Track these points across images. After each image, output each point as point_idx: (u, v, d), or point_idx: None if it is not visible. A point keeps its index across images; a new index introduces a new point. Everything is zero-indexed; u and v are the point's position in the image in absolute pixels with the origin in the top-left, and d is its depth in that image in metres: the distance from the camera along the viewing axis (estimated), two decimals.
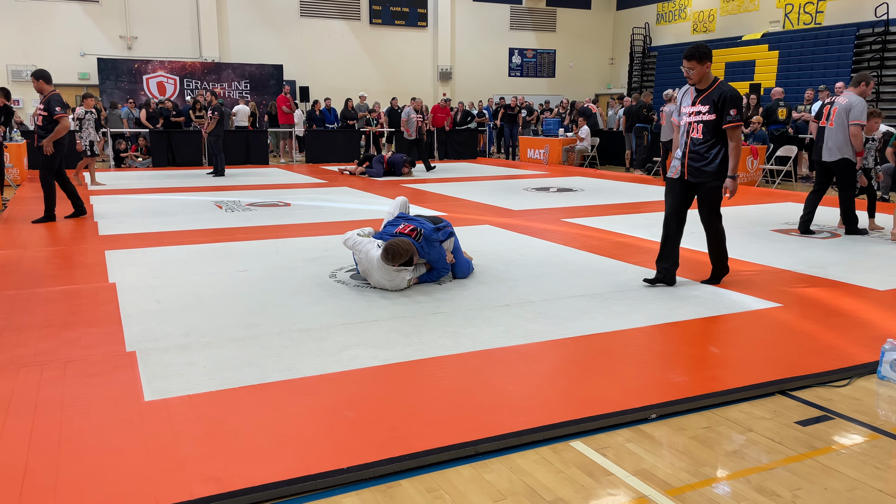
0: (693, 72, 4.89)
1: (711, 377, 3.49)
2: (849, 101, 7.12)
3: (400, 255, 4.88)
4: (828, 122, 7.23)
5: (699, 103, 4.93)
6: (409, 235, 5.11)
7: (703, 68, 4.87)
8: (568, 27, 26.28)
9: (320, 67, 22.62)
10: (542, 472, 2.64)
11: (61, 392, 3.27)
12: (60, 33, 19.64)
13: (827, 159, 7.26)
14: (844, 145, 7.12)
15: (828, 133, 7.21)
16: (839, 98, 7.26)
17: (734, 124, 4.79)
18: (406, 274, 5.04)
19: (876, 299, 4.93)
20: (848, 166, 7.19)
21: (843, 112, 7.12)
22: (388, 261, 4.90)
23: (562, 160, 17.01)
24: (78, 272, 5.70)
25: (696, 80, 4.91)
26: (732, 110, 4.78)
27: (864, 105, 7.13)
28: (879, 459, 2.75)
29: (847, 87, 7.42)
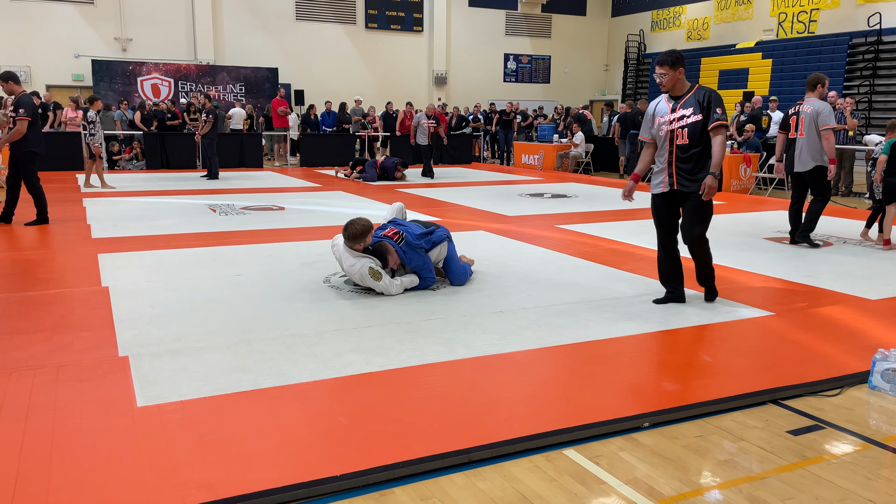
0: (665, 78, 4.70)
1: (704, 386, 3.50)
2: (814, 108, 7.05)
3: (356, 233, 4.99)
4: (797, 132, 7.17)
5: (680, 108, 4.72)
6: (392, 238, 5.14)
7: (675, 74, 4.69)
8: (563, 33, 26.38)
9: (316, 71, 22.63)
10: (535, 480, 2.64)
11: (53, 397, 3.26)
12: (55, 34, 19.60)
13: (801, 169, 7.21)
14: (818, 153, 7.07)
15: (799, 143, 7.16)
16: (803, 107, 7.16)
17: (720, 122, 4.62)
18: (368, 262, 5.01)
19: (867, 308, 4.96)
20: (822, 173, 7.14)
21: (811, 120, 7.04)
22: (348, 240, 5.02)
23: (556, 166, 17.05)
24: (71, 276, 5.68)
25: (668, 86, 4.73)
26: (718, 109, 4.62)
27: (830, 109, 7.07)
28: (870, 469, 2.76)
29: (806, 94, 7.29)
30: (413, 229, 5.33)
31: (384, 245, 5.12)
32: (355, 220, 5.05)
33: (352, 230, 5.01)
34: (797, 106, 7.27)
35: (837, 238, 7.82)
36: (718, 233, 8.11)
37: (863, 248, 7.22)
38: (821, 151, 7.07)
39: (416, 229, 5.35)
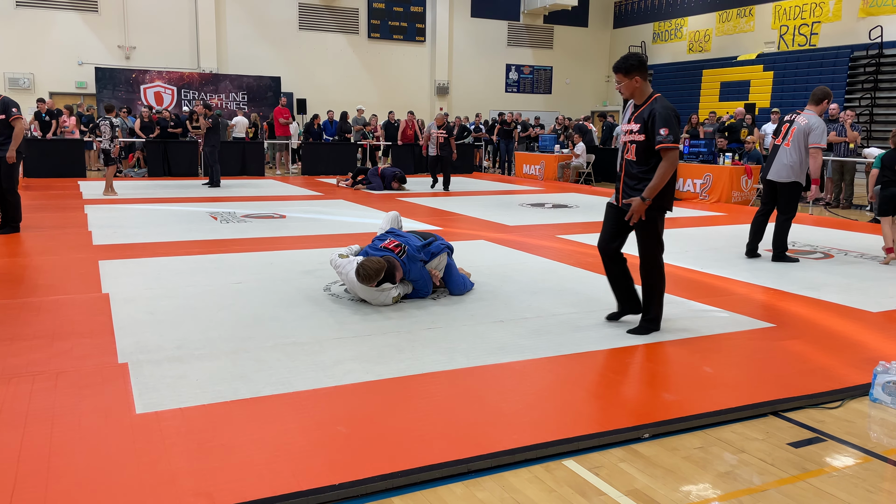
0: (621, 85, 4.32)
1: (704, 397, 3.49)
2: (808, 123, 6.78)
3: (370, 275, 4.85)
4: (784, 141, 6.91)
5: (633, 120, 4.34)
6: (394, 251, 5.13)
7: (631, 82, 4.25)
8: (565, 44, 26.48)
9: (318, 80, 22.71)
10: (535, 490, 2.63)
11: (52, 403, 3.25)
12: (59, 42, 19.68)
13: (776, 179, 6.95)
14: (798, 168, 6.83)
15: (781, 152, 6.90)
16: (798, 118, 6.90)
17: (665, 145, 4.13)
18: (391, 291, 5.04)
19: (869, 321, 4.95)
20: (795, 190, 6.91)
21: (802, 134, 6.77)
22: (363, 281, 4.91)
23: (557, 176, 17.07)
24: (71, 282, 5.68)
25: (626, 94, 4.34)
26: (663, 129, 4.13)
27: (825, 127, 6.83)
28: (871, 482, 2.75)
29: (808, 105, 7.01)
30: (412, 241, 5.32)
31: (392, 262, 5.06)
32: (366, 264, 4.87)
33: (365, 273, 4.85)
34: (794, 115, 7.04)
35: (839, 250, 7.82)
36: (718, 245, 8.11)
37: (863, 261, 7.22)
38: (801, 166, 6.82)
39: (415, 241, 5.34)
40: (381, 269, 4.90)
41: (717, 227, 9.54)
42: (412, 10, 23.93)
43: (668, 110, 4.18)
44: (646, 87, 4.31)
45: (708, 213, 11.09)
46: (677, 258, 7.03)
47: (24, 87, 19.27)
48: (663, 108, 4.18)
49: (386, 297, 5.03)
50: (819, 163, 6.85)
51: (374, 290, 5.00)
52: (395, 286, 5.07)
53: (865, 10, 18.03)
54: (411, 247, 5.20)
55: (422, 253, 5.23)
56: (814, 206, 12.40)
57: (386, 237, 5.38)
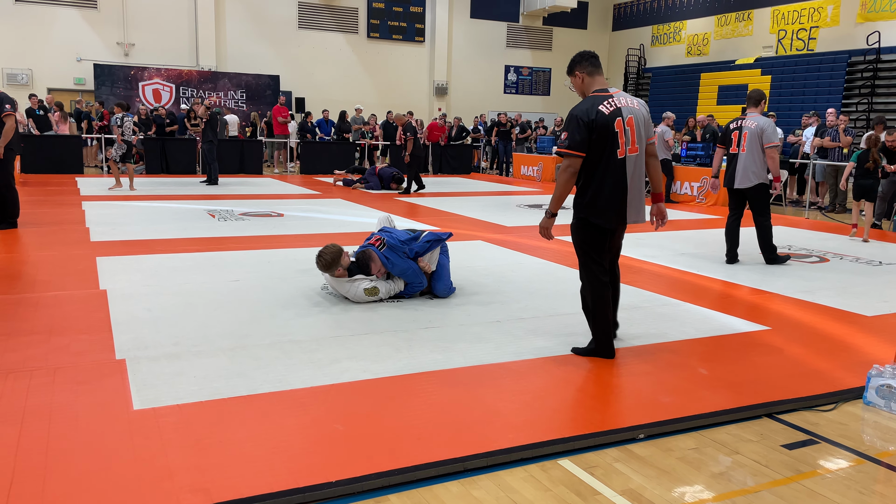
0: (573, 86, 4.12)
1: (699, 398, 3.51)
2: (758, 125, 6.87)
3: (327, 262, 4.97)
4: (739, 148, 6.96)
5: None
6: (374, 245, 5.16)
7: (575, 80, 4.04)
8: (564, 46, 26.50)
9: (317, 79, 22.70)
10: (531, 489, 2.65)
11: (50, 399, 3.26)
12: (57, 38, 19.64)
13: (741, 186, 7.00)
14: (761, 170, 6.89)
15: (741, 159, 6.95)
16: (747, 122, 6.94)
17: (560, 150, 3.91)
18: (362, 283, 5.04)
19: (863, 325, 4.98)
20: (763, 191, 6.98)
21: (755, 136, 6.83)
22: (322, 269, 5.01)
23: (555, 177, 17.09)
24: (69, 278, 5.68)
25: (579, 94, 4.07)
26: (564, 133, 3.92)
27: (774, 126, 6.89)
28: (864, 484, 2.77)
29: (748, 109, 7.09)
30: (398, 235, 5.32)
31: (367, 253, 5.14)
32: (322, 252, 5.01)
33: (323, 262, 4.99)
34: (739, 121, 7.06)
35: (834, 254, 7.85)
36: (714, 248, 8.14)
37: (858, 265, 7.25)
38: (763, 168, 6.90)
39: (401, 235, 5.33)
40: (336, 254, 4.97)
41: (712, 230, 9.56)
42: (412, 10, 23.94)
43: (572, 111, 3.90)
44: (592, 84, 3.98)
45: (704, 216, 11.12)
46: (672, 260, 7.05)
47: (22, 82, 19.24)
48: (572, 110, 3.92)
49: (356, 289, 5.04)
50: (777, 160, 6.94)
51: (345, 282, 5.05)
52: (367, 278, 5.08)
53: (863, 15, 18.09)
54: (393, 239, 5.20)
55: (406, 246, 5.20)
56: (809, 210, 12.44)
57: (373, 235, 5.42)
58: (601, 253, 4.03)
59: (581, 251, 4.06)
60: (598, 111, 3.82)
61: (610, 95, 3.92)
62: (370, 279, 5.09)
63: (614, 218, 3.94)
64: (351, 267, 5.14)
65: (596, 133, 3.81)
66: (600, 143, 3.83)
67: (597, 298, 4.02)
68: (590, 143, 3.83)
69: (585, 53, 4.02)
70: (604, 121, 3.81)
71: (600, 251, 4.03)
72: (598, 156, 3.86)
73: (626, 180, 3.90)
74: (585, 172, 3.91)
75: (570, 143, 3.84)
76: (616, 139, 3.84)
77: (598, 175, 3.88)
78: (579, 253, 4.07)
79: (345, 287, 5.08)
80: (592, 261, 4.02)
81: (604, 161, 3.86)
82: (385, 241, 5.18)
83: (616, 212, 3.93)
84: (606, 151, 3.85)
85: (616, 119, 3.84)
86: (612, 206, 3.91)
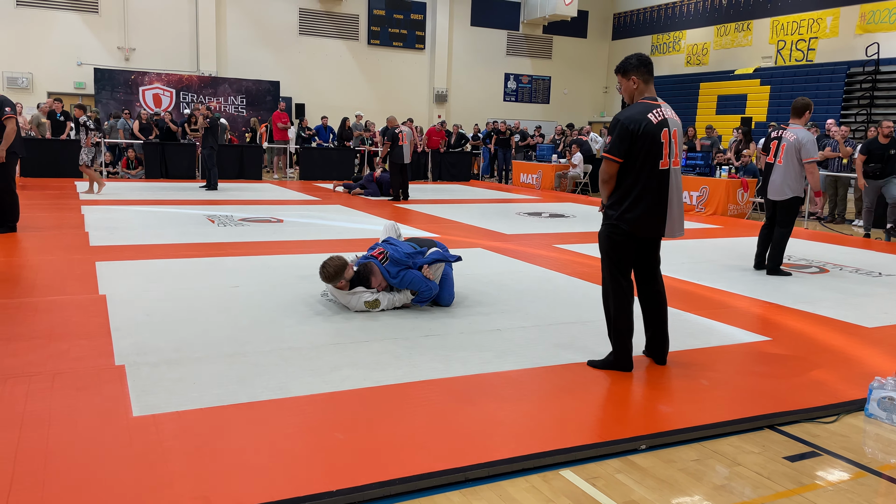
0: (620, 87, 4.07)
1: (701, 409, 3.50)
2: (797, 138, 6.79)
3: (330, 274, 4.94)
4: (776, 159, 6.93)
5: None
6: (377, 258, 5.17)
7: (628, 83, 3.96)
8: (564, 55, 26.58)
9: (317, 85, 22.72)
10: (532, 500, 2.63)
11: (49, 405, 3.24)
12: (58, 42, 19.66)
13: (775, 198, 7.00)
14: (795, 183, 6.86)
15: (777, 171, 6.92)
16: (786, 133, 6.89)
17: (603, 154, 3.92)
18: (363, 295, 5.03)
19: (864, 336, 4.98)
20: (795, 204, 6.96)
21: (793, 150, 6.80)
22: (325, 279, 4.99)
23: (554, 186, 17.12)
24: (68, 283, 5.66)
25: (626, 97, 4.04)
26: (608, 137, 3.96)
27: (814, 140, 6.87)
28: (865, 497, 2.76)
29: (791, 119, 7.03)
30: (403, 248, 5.30)
31: (369, 266, 5.13)
32: (326, 263, 4.97)
33: (327, 273, 4.96)
34: (780, 131, 7.03)
35: (834, 265, 7.85)
36: (715, 257, 8.14)
37: (859, 276, 7.25)
38: (798, 181, 6.86)
39: (405, 248, 5.32)
40: (340, 267, 4.95)
41: (712, 240, 9.57)
42: (412, 17, 24.00)
43: (619, 116, 3.88)
44: (644, 91, 3.95)
45: (704, 226, 11.13)
46: (673, 270, 7.05)
47: (22, 86, 19.23)
48: (617, 115, 3.92)
49: (357, 301, 5.03)
50: (817, 176, 6.91)
51: (346, 294, 5.05)
52: (368, 291, 5.08)
53: (863, 26, 18.17)
54: (397, 252, 5.19)
55: (411, 259, 5.18)
56: (808, 220, 12.46)
57: (376, 246, 5.41)
58: (628, 264, 3.98)
59: (609, 260, 3.98)
60: (647, 119, 3.81)
61: (658, 105, 3.90)
62: (371, 292, 5.08)
63: (648, 228, 3.89)
64: (353, 278, 5.13)
65: (640, 141, 3.78)
66: (644, 152, 3.80)
67: (620, 311, 3.96)
68: (632, 151, 3.80)
69: (644, 58, 3.95)
70: (651, 130, 3.79)
71: (628, 262, 3.98)
72: (641, 164, 3.81)
73: (668, 192, 3.88)
74: (626, 180, 3.86)
75: (611, 147, 3.85)
76: (661, 150, 3.82)
77: (640, 184, 3.83)
78: (607, 263, 4.00)
79: (346, 298, 5.07)
80: (619, 272, 3.96)
81: (646, 171, 3.82)
82: (388, 255, 5.17)
83: (652, 222, 3.88)
84: (650, 161, 3.81)
85: (663, 129, 3.82)
86: (650, 215, 3.86)
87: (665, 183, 3.87)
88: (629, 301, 3.98)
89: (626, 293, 3.97)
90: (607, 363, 4.04)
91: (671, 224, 3.93)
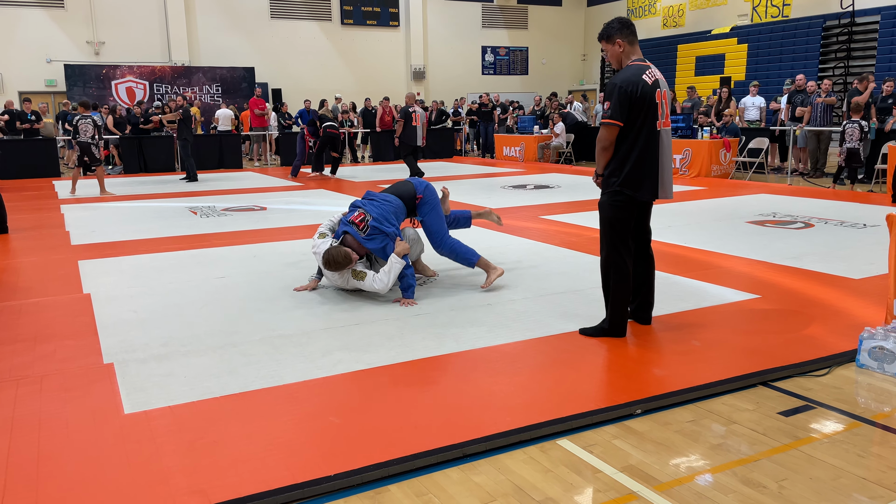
0: (607, 54, 3.99)
1: (694, 370, 3.51)
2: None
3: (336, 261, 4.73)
4: None
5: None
6: (357, 226, 4.86)
7: (613, 48, 3.89)
8: (540, 24, 26.38)
9: (292, 69, 22.46)
10: (531, 471, 2.63)
11: (38, 407, 3.20)
12: (25, 39, 19.29)
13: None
14: None
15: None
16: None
17: (603, 121, 3.85)
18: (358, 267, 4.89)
19: (851, 288, 5.01)
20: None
21: None
22: (328, 268, 4.81)
23: (538, 157, 17.06)
24: (51, 283, 5.59)
25: (614, 63, 3.99)
26: (606, 103, 3.89)
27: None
28: (861, 447, 2.78)
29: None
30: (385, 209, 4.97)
31: (346, 240, 4.88)
32: (332, 252, 4.75)
33: (334, 264, 4.75)
34: None
35: (819, 219, 7.89)
36: (700, 218, 8.16)
37: (843, 229, 7.29)
38: None
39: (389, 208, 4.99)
40: (347, 260, 4.76)
41: (697, 202, 9.59)
42: None
43: (612, 83, 3.83)
44: (631, 53, 3.90)
45: (688, 188, 11.14)
46: (658, 234, 7.04)
47: None
48: (612, 81, 3.85)
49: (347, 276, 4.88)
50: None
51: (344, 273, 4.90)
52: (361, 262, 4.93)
53: None
54: (374, 219, 4.87)
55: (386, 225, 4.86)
56: (792, 176, 12.50)
57: (355, 210, 5.01)
58: (629, 232, 3.96)
59: (611, 229, 3.93)
60: (643, 80, 3.77)
61: (648, 66, 3.87)
62: (362, 263, 4.98)
63: (649, 190, 3.87)
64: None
65: (639, 103, 3.75)
66: (642, 114, 3.77)
67: (619, 279, 3.94)
68: (631, 114, 3.76)
69: (625, 21, 3.91)
70: (648, 91, 3.77)
71: (628, 229, 3.95)
72: (640, 127, 3.78)
73: (661, 153, 3.87)
74: (623, 145, 3.82)
75: (612, 112, 3.79)
76: (657, 111, 3.81)
77: (639, 147, 3.79)
78: (609, 232, 3.94)
79: (343, 278, 4.92)
80: (620, 241, 3.93)
81: (644, 132, 3.79)
82: (367, 223, 4.85)
83: (652, 185, 3.87)
84: (648, 123, 3.79)
85: (657, 90, 3.82)
86: (649, 177, 3.85)
87: (658, 144, 3.86)
88: (629, 270, 3.97)
89: (626, 262, 3.96)
90: (600, 330, 4.05)
91: (663, 186, 3.94)
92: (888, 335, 3.50)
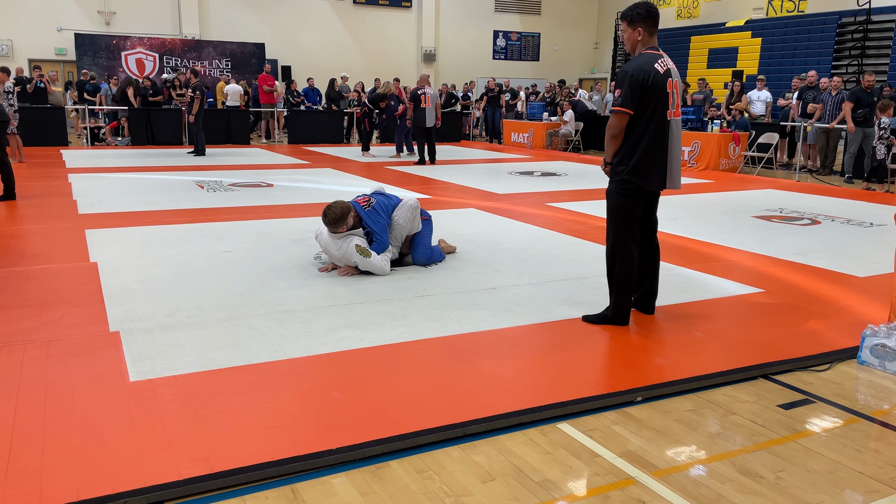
0: (623, 35, 3.97)
1: (695, 361, 3.53)
2: None
3: (335, 213, 4.80)
4: None
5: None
6: (360, 204, 5.03)
7: (633, 33, 3.87)
8: (552, 11, 26.17)
9: (303, 47, 22.34)
10: (530, 453, 2.66)
11: (45, 372, 3.24)
12: (37, 7, 19.19)
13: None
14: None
15: None
16: None
17: (613, 108, 3.83)
18: (354, 239, 4.91)
19: (855, 285, 5.01)
20: None
21: None
22: (327, 223, 4.85)
23: (546, 144, 17.01)
24: (58, 251, 5.62)
25: (628, 47, 3.95)
26: (617, 91, 3.87)
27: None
28: (859, 442, 2.80)
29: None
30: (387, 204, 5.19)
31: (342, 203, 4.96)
32: (332, 206, 4.87)
33: (331, 215, 4.83)
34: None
35: (825, 217, 7.87)
36: (707, 210, 8.14)
37: (850, 227, 7.28)
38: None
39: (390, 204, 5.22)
40: (346, 210, 4.83)
41: (705, 195, 9.57)
42: None
43: (623, 70, 3.81)
44: (647, 42, 3.88)
45: (696, 181, 11.11)
46: (665, 225, 7.05)
47: (2, 53, 18.84)
48: (623, 69, 3.84)
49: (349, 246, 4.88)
50: None
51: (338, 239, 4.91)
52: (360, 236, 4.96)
53: None
54: (379, 203, 5.09)
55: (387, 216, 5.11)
56: (800, 173, 12.45)
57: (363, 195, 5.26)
58: (635, 221, 3.95)
59: (618, 218, 3.93)
60: (654, 69, 3.77)
61: (662, 55, 3.87)
62: (364, 240, 5.01)
63: (657, 179, 3.87)
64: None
65: (650, 92, 3.74)
66: (653, 103, 3.76)
67: (624, 268, 3.94)
68: (642, 102, 3.75)
69: (653, 10, 3.86)
70: (660, 80, 3.77)
71: (635, 218, 3.94)
72: (650, 115, 3.78)
73: (671, 143, 3.87)
74: (632, 133, 3.81)
75: (623, 100, 3.78)
76: (667, 100, 3.81)
77: (649, 135, 3.79)
78: (615, 221, 3.94)
79: (335, 244, 4.93)
80: (627, 229, 3.93)
81: (655, 121, 3.79)
82: (372, 202, 5.05)
83: (661, 174, 3.87)
84: (658, 112, 3.79)
85: (668, 79, 3.82)
86: (658, 167, 3.85)
87: (668, 134, 3.86)
88: (634, 260, 3.98)
89: (632, 252, 3.96)
90: (603, 318, 4.06)
91: (671, 176, 3.94)
92: (891, 333, 3.51)
